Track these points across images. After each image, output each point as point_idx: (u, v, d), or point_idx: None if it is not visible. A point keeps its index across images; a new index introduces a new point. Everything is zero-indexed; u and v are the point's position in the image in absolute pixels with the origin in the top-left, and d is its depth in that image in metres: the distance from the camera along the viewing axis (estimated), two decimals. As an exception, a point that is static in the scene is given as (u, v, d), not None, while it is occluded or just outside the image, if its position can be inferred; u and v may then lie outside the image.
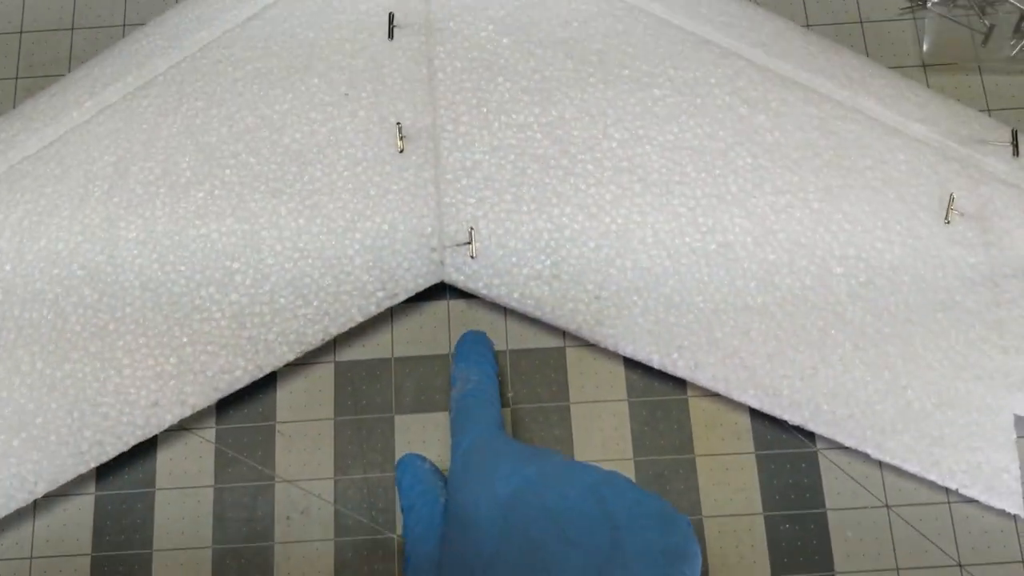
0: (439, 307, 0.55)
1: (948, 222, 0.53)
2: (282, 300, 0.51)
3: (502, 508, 0.42)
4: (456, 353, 0.52)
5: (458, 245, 0.52)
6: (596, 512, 0.40)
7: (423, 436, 0.52)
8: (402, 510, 0.48)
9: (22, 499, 0.49)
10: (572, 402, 0.53)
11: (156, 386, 0.50)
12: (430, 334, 0.54)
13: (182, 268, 0.52)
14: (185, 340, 0.51)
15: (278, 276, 0.52)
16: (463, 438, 0.47)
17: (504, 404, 0.53)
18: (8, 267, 0.52)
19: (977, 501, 0.50)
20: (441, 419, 0.53)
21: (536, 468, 0.43)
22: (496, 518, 0.42)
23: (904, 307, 0.51)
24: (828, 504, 0.51)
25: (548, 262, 0.52)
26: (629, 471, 0.52)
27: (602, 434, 0.53)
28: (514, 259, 0.52)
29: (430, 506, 0.47)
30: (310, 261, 0.52)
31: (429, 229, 0.52)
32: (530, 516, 0.41)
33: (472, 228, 0.52)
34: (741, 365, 0.51)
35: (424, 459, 0.50)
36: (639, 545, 0.39)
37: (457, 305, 0.55)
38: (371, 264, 0.52)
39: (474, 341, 0.53)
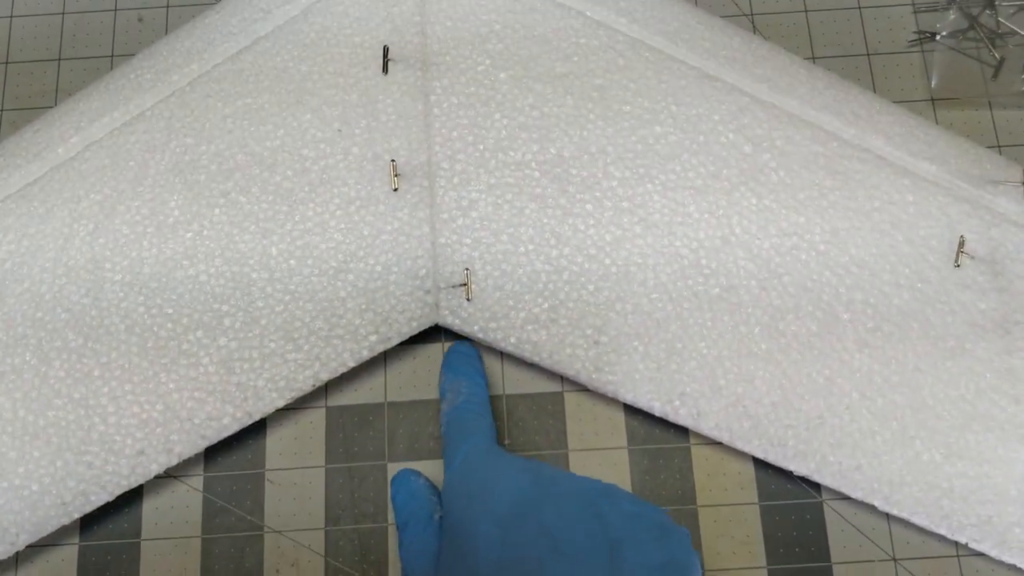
0: (434, 350, 0.54)
1: (958, 266, 0.51)
2: (272, 344, 0.50)
3: (499, 525, 0.41)
4: (444, 365, 0.51)
5: (453, 287, 0.51)
6: (594, 526, 0.40)
7: (417, 485, 0.51)
8: (397, 527, 0.47)
9: (3, 551, 0.48)
10: (570, 449, 0.52)
11: (142, 434, 0.49)
12: (424, 378, 0.53)
13: (169, 311, 0.50)
14: (172, 386, 0.49)
15: (268, 320, 0.50)
16: (457, 451, 0.46)
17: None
18: (-10, 311, 0.51)
19: (987, 555, 0.48)
20: (436, 467, 0.51)
21: (533, 483, 0.42)
22: (493, 535, 0.41)
23: (912, 355, 0.50)
24: (834, 557, 0.50)
25: (546, 305, 0.51)
26: (629, 522, 0.50)
27: (601, 483, 0.51)
28: (511, 302, 0.51)
29: (425, 522, 0.46)
30: (301, 304, 0.51)
31: (424, 271, 0.51)
32: (528, 533, 0.41)
33: (468, 270, 0.51)
34: (745, 414, 0.49)
35: (419, 474, 0.49)
36: (638, 558, 0.39)
37: (452, 348, 0.54)
38: (364, 307, 0.51)
39: (462, 353, 0.52)
